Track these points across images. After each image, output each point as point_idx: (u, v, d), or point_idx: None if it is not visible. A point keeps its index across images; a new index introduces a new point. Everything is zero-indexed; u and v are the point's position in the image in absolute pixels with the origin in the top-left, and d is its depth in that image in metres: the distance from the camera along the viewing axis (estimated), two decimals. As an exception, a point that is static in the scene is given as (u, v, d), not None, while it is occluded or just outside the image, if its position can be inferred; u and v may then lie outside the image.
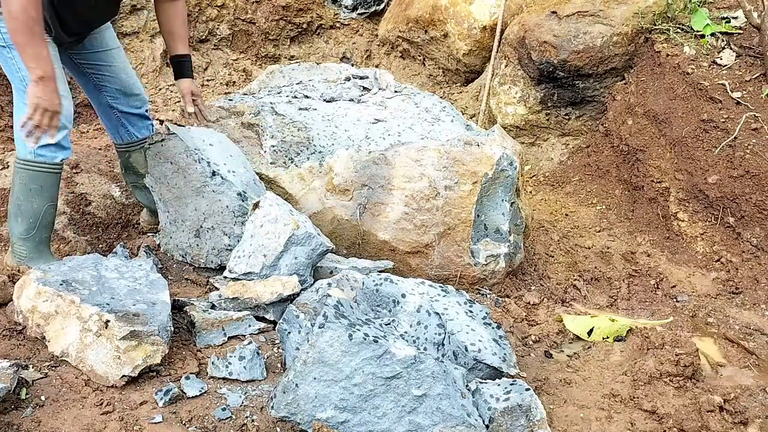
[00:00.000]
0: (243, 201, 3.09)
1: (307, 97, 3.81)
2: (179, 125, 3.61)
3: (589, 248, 3.95)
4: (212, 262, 3.18)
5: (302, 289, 2.83)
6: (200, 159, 3.10)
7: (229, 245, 3.12)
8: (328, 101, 3.79)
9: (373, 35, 5.85)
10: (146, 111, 3.26)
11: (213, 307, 2.82)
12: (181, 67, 3.17)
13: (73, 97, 2.91)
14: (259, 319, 2.80)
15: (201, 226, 3.17)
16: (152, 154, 3.24)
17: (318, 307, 2.60)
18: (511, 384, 2.31)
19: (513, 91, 4.89)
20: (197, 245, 3.20)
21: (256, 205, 3.02)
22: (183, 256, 3.26)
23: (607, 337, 3.06)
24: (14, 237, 2.94)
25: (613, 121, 4.55)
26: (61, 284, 2.51)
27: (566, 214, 4.32)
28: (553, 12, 4.63)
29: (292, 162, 3.39)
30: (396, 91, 3.94)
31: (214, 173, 3.09)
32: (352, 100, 3.82)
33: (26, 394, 2.26)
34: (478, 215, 3.32)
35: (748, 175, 3.73)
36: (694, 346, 2.84)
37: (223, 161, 3.15)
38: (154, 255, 3.24)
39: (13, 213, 2.91)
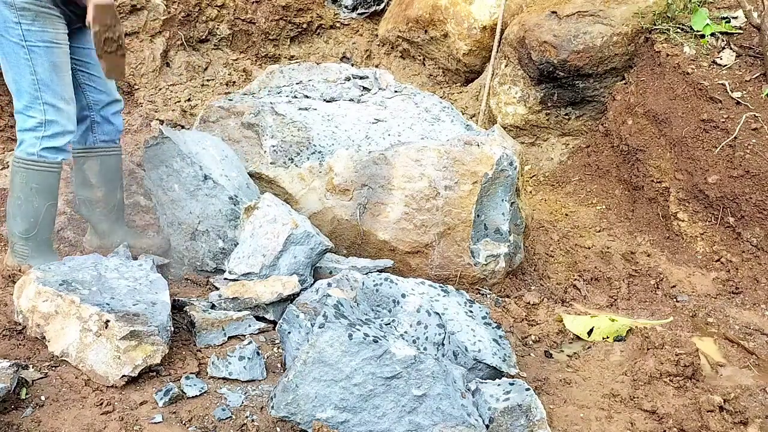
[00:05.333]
0: (234, 205, 3.09)
1: (307, 97, 3.81)
2: (180, 126, 3.61)
3: (589, 248, 3.95)
4: (208, 265, 3.18)
5: (302, 289, 2.83)
6: (192, 162, 3.10)
7: (224, 248, 3.12)
8: (328, 101, 3.78)
9: (373, 35, 5.85)
10: (120, 122, 3.14)
11: (213, 307, 2.82)
12: None
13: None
14: (259, 319, 2.80)
15: (196, 229, 3.17)
16: (148, 157, 3.24)
17: (318, 307, 2.60)
18: (511, 384, 2.30)
19: (513, 91, 4.88)
20: (193, 248, 3.20)
21: (248, 209, 3.03)
22: (180, 259, 3.25)
23: (607, 337, 3.05)
24: (15, 237, 2.94)
25: (613, 121, 4.55)
26: (61, 284, 2.51)
27: (566, 214, 4.31)
28: (553, 12, 4.63)
29: (292, 162, 3.39)
30: (396, 91, 3.93)
31: (206, 177, 3.09)
32: (352, 100, 3.82)
33: (26, 394, 2.26)
34: (478, 215, 3.32)
35: (748, 175, 3.73)
36: (694, 346, 2.84)
37: (216, 165, 3.15)
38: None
39: (12, 213, 2.92)
